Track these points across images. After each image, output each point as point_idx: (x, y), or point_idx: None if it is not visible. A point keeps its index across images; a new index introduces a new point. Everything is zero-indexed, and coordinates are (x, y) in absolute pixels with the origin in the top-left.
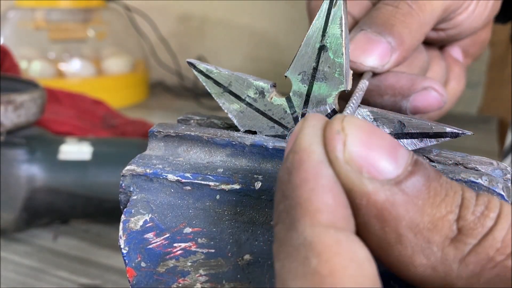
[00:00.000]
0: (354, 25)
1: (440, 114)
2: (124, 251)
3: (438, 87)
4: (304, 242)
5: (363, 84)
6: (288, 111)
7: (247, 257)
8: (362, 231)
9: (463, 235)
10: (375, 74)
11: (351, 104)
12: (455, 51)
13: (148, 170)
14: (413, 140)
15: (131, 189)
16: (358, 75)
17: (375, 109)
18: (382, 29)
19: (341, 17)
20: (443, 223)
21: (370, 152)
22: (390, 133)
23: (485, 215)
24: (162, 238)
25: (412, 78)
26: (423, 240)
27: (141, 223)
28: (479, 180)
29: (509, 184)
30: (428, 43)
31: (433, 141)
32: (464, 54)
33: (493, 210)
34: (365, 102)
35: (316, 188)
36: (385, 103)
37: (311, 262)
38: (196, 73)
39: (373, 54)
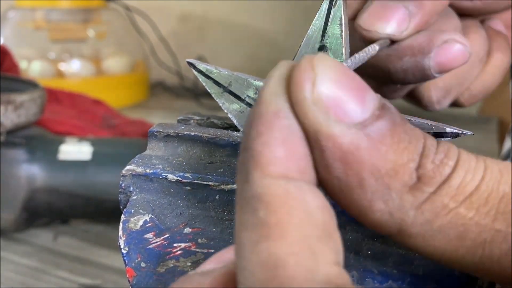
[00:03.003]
0: None
1: (487, 91)
2: (124, 251)
3: (460, 38)
4: (253, 194)
5: (372, 47)
6: None
7: None
8: (324, 174)
9: (421, 183)
10: (393, 42)
11: (351, 58)
12: (496, 24)
13: (148, 170)
14: None
15: (131, 189)
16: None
17: None
18: None
19: (341, 17)
20: (404, 171)
21: (339, 94)
22: None
23: (444, 163)
24: (162, 238)
25: (429, 33)
26: (383, 185)
27: (141, 223)
28: None
29: None
30: (463, 14)
31: None
32: (506, 27)
33: (452, 158)
34: (385, 69)
35: (269, 141)
36: (405, 66)
37: (259, 213)
38: (196, 73)
39: (389, 21)
